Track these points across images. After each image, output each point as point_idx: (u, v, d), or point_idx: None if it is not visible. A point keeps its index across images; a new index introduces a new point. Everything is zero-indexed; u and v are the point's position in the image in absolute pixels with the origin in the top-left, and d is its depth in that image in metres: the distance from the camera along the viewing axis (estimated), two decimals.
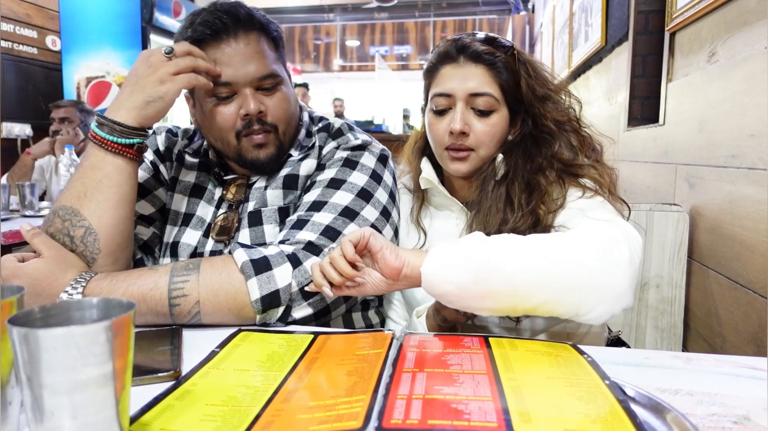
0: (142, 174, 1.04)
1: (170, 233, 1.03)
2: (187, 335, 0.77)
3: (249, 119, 0.96)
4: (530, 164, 0.95)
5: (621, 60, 2.16)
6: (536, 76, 0.98)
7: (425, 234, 1.03)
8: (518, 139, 0.98)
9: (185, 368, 0.66)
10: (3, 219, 2.08)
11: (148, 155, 1.07)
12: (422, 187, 1.02)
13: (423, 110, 1.04)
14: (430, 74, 1.01)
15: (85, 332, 0.37)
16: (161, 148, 1.08)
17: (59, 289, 0.78)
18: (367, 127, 5.57)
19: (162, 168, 1.06)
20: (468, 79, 0.95)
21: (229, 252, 0.99)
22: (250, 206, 1.01)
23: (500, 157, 0.96)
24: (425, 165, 1.03)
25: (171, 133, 1.10)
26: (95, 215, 0.85)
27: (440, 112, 0.97)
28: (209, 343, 0.72)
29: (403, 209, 1.07)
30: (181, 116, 4.29)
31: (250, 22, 0.95)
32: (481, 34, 1.00)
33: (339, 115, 6.99)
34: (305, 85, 6.75)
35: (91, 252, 0.84)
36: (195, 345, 0.74)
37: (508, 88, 0.96)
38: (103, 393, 0.39)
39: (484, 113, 0.95)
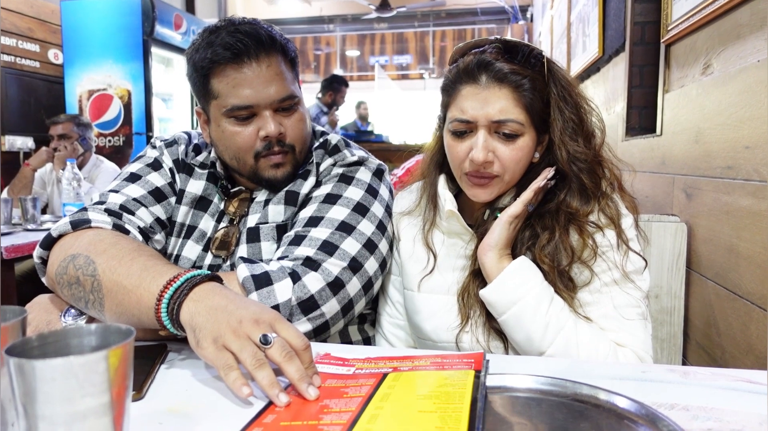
0: (161, 179, 1.04)
1: (174, 245, 1.04)
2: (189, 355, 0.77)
3: (269, 141, 0.96)
4: (543, 205, 0.92)
5: (618, 70, 2.17)
6: (567, 97, 0.89)
7: (435, 256, 0.98)
8: (542, 162, 0.93)
9: (158, 390, 0.64)
10: (5, 233, 2.09)
11: (168, 162, 1.06)
12: (444, 218, 0.96)
13: (440, 124, 0.98)
14: (448, 92, 0.92)
15: (84, 362, 0.37)
16: (180, 158, 1.07)
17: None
18: (367, 136, 5.57)
19: (177, 177, 1.06)
20: (490, 103, 0.86)
21: (231, 266, 1.00)
22: (251, 221, 1.01)
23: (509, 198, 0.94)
24: (446, 192, 0.96)
25: (187, 144, 1.09)
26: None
27: (460, 134, 0.90)
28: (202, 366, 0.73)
29: (406, 233, 1.03)
30: (181, 127, 4.30)
31: (271, 44, 0.95)
32: (506, 43, 0.89)
33: (363, 117, 7.12)
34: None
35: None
36: (189, 366, 0.74)
37: (534, 110, 0.88)
38: (102, 423, 0.38)
39: (509, 137, 0.87)
